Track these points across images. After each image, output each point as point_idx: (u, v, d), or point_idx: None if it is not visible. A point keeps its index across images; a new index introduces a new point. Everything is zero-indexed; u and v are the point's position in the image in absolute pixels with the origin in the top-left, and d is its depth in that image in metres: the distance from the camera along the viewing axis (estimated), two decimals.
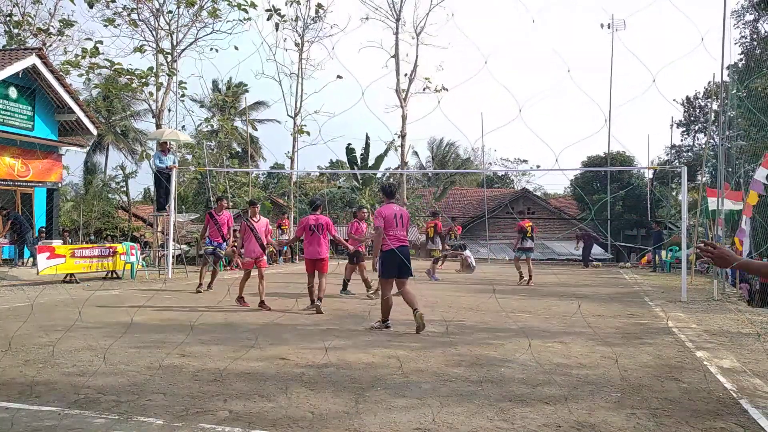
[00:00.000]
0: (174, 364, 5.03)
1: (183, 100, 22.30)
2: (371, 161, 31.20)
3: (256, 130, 38.12)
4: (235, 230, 21.11)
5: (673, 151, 32.83)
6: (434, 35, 36.15)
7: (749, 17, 23.53)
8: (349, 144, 30.53)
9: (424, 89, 25.85)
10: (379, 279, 7.01)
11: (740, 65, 22.33)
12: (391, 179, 35.15)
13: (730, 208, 12.72)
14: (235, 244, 17.95)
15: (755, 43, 22.47)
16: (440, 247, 14.73)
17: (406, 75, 25.74)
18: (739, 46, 23.50)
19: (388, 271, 6.80)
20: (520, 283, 13.16)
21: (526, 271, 13.28)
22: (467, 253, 16.96)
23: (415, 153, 41.77)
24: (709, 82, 30.70)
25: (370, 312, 7.78)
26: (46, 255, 11.63)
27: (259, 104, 38.17)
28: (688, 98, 34.37)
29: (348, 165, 31.49)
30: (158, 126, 20.00)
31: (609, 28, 28.44)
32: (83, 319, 7.37)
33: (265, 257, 9.10)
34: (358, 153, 31.10)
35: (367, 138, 30.54)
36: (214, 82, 37.35)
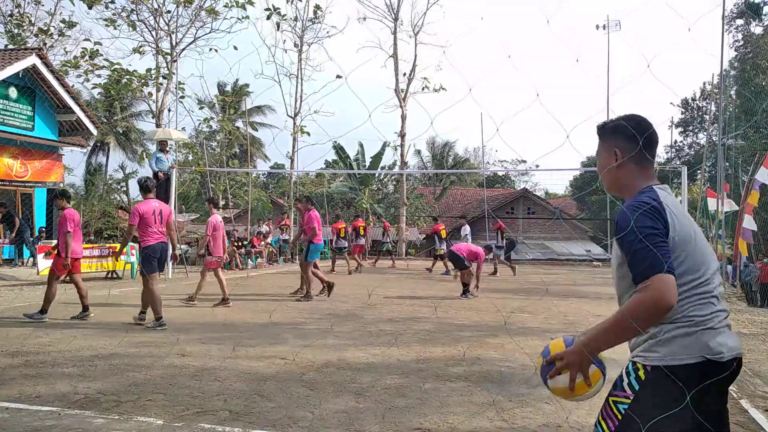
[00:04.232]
0: (174, 364, 5.03)
1: (183, 101, 22.29)
2: (368, 161, 31.29)
3: (256, 131, 38.08)
4: (231, 232, 20.98)
5: (673, 150, 32.88)
6: (432, 34, 36.19)
7: (740, 21, 23.59)
8: (336, 142, 30.63)
9: (423, 89, 25.90)
10: (145, 274, 7.07)
11: (735, 66, 22.42)
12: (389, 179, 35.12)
13: (728, 210, 12.74)
14: (233, 245, 18.01)
15: (748, 48, 22.55)
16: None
17: (405, 75, 25.77)
18: (735, 50, 23.56)
19: (152, 266, 7.10)
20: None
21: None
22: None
23: (418, 152, 41.73)
24: (705, 83, 30.74)
25: (363, 312, 7.78)
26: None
27: (262, 107, 38.03)
28: (686, 100, 34.47)
29: (340, 162, 31.63)
30: (158, 126, 20.04)
31: (605, 29, 28.36)
32: (83, 319, 7.38)
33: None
34: (352, 154, 31.24)
35: (361, 145, 30.82)
36: (220, 86, 37.26)
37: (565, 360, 1.92)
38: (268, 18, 22.06)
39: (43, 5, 21.55)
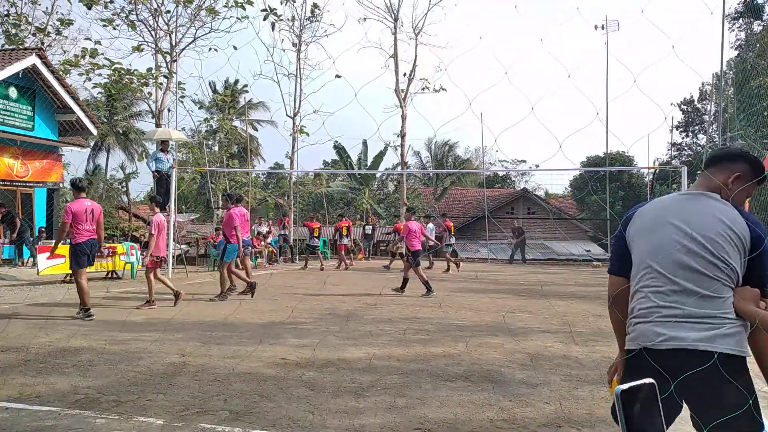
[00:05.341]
0: (174, 364, 5.03)
1: (182, 101, 22.26)
2: (370, 160, 31.30)
3: (256, 130, 38.06)
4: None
5: (674, 149, 32.93)
6: (433, 35, 36.06)
7: (740, 22, 23.65)
8: (337, 141, 30.60)
9: (423, 89, 25.89)
10: (74, 270, 7.66)
11: (734, 66, 22.50)
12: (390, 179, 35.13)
13: None
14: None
15: (749, 47, 22.63)
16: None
17: (405, 75, 25.77)
18: (735, 49, 23.60)
19: (81, 262, 7.56)
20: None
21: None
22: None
23: (417, 153, 41.67)
24: (703, 83, 30.76)
25: (364, 311, 7.76)
26: (46, 255, 11.61)
27: (259, 105, 38.01)
28: (685, 100, 34.58)
29: (341, 162, 31.66)
30: (158, 126, 20.04)
31: (603, 29, 28.29)
32: (84, 319, 7.38)
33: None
34: (354, 155, 31.24)
35: (365, 144, 30.86)
36: (212, 84, 37.25)
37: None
38: (265, 18, 22.07)
39: (39, 4, 21.52)
